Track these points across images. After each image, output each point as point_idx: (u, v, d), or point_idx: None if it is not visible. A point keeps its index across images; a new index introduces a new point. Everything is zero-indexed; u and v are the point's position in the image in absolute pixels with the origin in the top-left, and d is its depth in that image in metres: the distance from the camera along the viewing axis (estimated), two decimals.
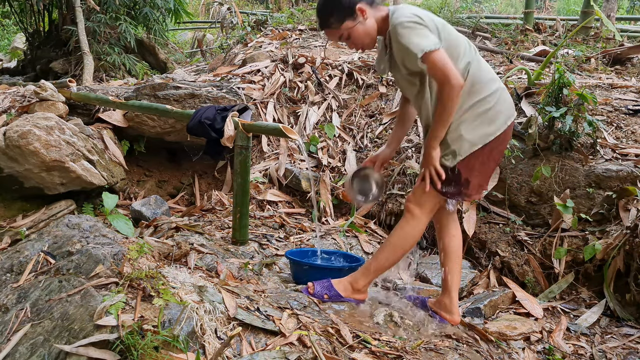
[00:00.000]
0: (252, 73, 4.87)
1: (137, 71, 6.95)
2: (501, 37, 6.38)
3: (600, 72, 4.84)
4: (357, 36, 2.17)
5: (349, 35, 2.17)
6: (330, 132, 4.32)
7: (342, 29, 2.16)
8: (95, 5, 6.52)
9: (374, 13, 2.17)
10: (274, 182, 3.93)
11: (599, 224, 3.08)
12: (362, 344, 1.96)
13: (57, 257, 2.10)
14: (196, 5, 13.05)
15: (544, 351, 2.41)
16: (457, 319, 2.33)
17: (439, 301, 2.37)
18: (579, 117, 3.24)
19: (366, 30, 2.16)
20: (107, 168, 3.70)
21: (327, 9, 2.17)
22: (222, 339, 1.77)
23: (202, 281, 2.08)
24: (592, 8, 5.24)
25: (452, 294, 2.32)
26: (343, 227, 3.46)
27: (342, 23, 2.14)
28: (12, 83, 5.48)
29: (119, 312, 1.68)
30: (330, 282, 2.32)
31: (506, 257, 3.17)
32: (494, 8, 13.85)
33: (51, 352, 1.64)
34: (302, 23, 7.14)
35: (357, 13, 2.13)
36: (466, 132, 2.08)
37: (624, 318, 2.75)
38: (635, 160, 3.17)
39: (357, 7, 2.12)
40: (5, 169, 3.29)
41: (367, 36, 2.18)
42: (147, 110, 3.87)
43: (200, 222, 3.37)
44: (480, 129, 2.09)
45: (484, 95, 2.09)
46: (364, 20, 2.14)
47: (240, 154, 2.95)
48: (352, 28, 2.15)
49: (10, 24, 11.73)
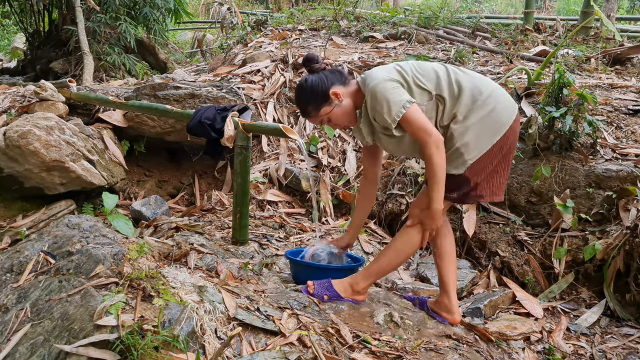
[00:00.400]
0: (252, 73, 4.87)
1: (137, 71, 6.96)
2: (501, 37, 6.38)
3: (600, 72, 4.84)
4: (337, 118, 2.24)
5: (329, 119, 2.24)
6: (330, 132, 4.32)
7: (321, 114, 2.23)
8: (95, 5, 6.52)
9: (348, 90, 2.23)
10: (274, 182, 3.93)
11: (599, 224, 3.08)
12: (362, 344, 1.96)
13: (57, 257, 2.10)
14: (196, 5, 13.06)
15: (544, 351, 2.41)
16: (457, 319, 2.33)
17: (438, 302, 2.37)
18: (579, 117, 3.25)
19: (344, 111, 2.22)
20: (107, 168, 3.70)
21: (303, 99, 2.25)
22: (222, 339, 1.77)
23: (202, 281, 2.08)
24: (592, 8, 5.24)
25: (451, 293, 2.32)
26: (343, 227, 3.46)
27: (319, 110, 2.22)
28: (12, 83, 5.48)
29: (119, 312, 1.68)
30: (330, 282, 2.32)
31: (506, 257, 3.17)
32: (494, 8, 13.86)
33: (51, 352, 1.64)
34: (302, 23, 7.14)
35: (332, 97, 2.19)
36: (472, 139, 2.08)
37: (624, 318, 2.75)
38: (635, 160, 3.17)
39: (331, 92, 2.19)
40: (5, 169, 3.29)
41: (347, 115, 2.24)
42: (147, 110, 3.87)
43: (200, 222, 3.37)
44: (485, 132, 2.08)
45: (483, 98, 2.09)
46: (340, 103, 2.21)
47: (240, 154, 2.95)
48: (330, 112, 2.22)
49: (10, 24, 11.73)
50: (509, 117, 2.12)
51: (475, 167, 2.11)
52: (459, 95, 2.09)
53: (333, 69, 2.29)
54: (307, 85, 2.22)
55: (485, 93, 2.11)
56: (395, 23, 6.88)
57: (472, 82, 2.13)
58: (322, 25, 6.99)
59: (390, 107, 2.04)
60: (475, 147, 2.09)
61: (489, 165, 2.13)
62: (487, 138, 2.09)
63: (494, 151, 2.11)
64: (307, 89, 2.22)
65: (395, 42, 6.24)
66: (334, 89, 2.19)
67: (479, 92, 2.10)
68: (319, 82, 2.20)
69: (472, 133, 2.08)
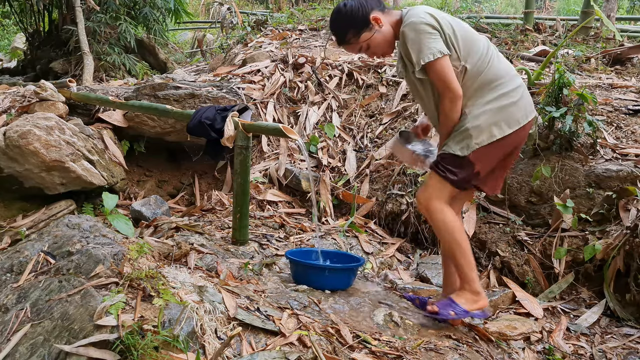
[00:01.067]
0: (252, 73, 4.87)
1: (137, 71, 6.95)
2: (501, 37, 6.38)
3: (600, 72, 4.84)
4: (377, 45, 2.19)
5: (369, 46, 2.19)
6: (330, 132, 4.32)
7: (361, 41, 2.18)
8: (95, 5, 6.52)
9: (388, 19, 2.18)
10: (274, 182, 3.93)
11: (599, 224, 3.08)
12: (362, 344, 1.96)
13: (57, 257, 2.10)
14: (196, 5, 13.06)
15: (544, 351, 2.41)
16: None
17: None
18: (579, 117, 3.24)
19: (384, 38, 2.18)
20: (107, 168, 3.70)
21: (341, 25, 2.18)
22: (222, 339, 1.77)
23: (202, 281, 2.08)
24: (592, 8, 5.24)
25: None
26: (343, 227, 3.46)
27: (359, 36, 2.17)
28: (12, 83, 5.48)
29: (119, 312, 1.68)
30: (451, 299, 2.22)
31: (506, 257, 3.17)
32: (494, 8, 13.86)
33: (51, 352, 1.64)
34: (302, 23, 7.14)
35: (372, 23, 2.15)
36: (486, 123, 2.06)
37: (624, 318, 2.75)
38: (635, 160, 3.17)
39: (372, 17, 2.14)
40: (5, 169, 3.29)
41: (386, 43, 2.20)
42: (147, 110, 3.87)
43: (200, 222, 3.37)
44: (500, 121, 2.07)
45: (508, 89, 2.08)
46: (380, 29, 2.16)
47: (240, 154, 2.95)
48: (370, 39, 2.17)
49: (10, 24, 11.72)
50: (526, 116, 2.11)
51: (482, 154, 2.08)
52: (486, 72, 2.08)
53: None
54: (347, 10, 2.16)
55: (513, 84, 2.09)
56: None
57: (505, 69, 2.12)
58: (322, 25, 6.99)
59: (421, 49, 2.02)
60: (486, 133, 2.06)
61: (496, 157, 2.12)
62: (500, 128, 2.07)
63: (503, 145, 2.09)
64: (346, 14, 2.15)
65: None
66: (374, 13, 2.14)
67: (507, 81, 2.08)
68: (359, 6, 2.15)
69: (486, 117, 2.06)
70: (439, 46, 2.02)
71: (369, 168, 3.98)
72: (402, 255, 3.42)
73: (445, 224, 2.15)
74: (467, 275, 2.20)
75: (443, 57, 2.01)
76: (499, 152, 2.12)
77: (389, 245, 3.47)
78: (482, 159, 2.10)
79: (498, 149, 2.11)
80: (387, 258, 3.29)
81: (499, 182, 2.27)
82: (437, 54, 2.00)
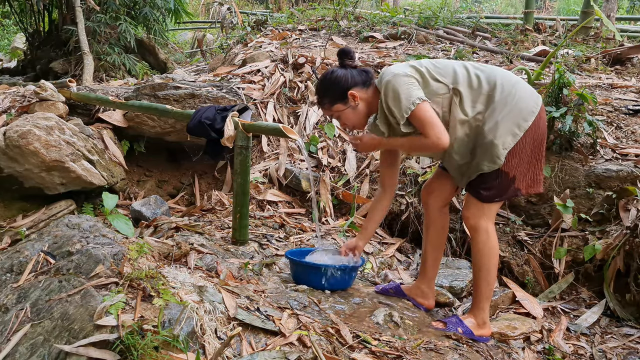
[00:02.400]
0: (252, 73, 4.86)
1: (137, 71, 6.96)
2: (501, 37, 6.38)
3: (600, 72, 4.84)
4: (346, 118, 2.27)
5: (339, 117, 2.28)
6: (330, 132, 4.32)
7: (333, 110, 2.27)
8: (95, 5, 6.52)
9: (367, 94, 2.24)
10: (274, 182, 3.93)
11: (599, 224, 3.08)
12: (362, 344, 1.96)
13: (57, 257, 2.10)
14: (196, 5, 13.06)
15: (544, 351, 2.40)
16: (432, 304, 2.48)
17: (417, 286, 2.48)
18: (579, 117, 3.25)
19: (356, 115, 2.25)
20: (107, 168, 3.70)
21: (322, 90, 2.29)
22: (222, 339, 1.77)
23: (202, 281, 2.08)
24: (592, 8, 5.24)
25: (431, 281, 2.47)
26: (343, 227, 3.46)
27: (332, 106, 2.25)
28: (12, 83, 5.48)
29: (119, 312, 1.68)
30: (458, 318, 2.29)
31: (506, 257, 3.17)
32: (494, 8, 13.87)
33: (51, 352, 1.64)
34: (302, 23, 7.14)
35: (349, 98, 2.22)
36: (505, 128, 2.06)
37: (624, 318, 2.76)
38: (635, 160, 3.17)
39: (349, 93, 2.21)
40: (5, 169, 3.29)
41: (357, 119, 2.27)
42: (147, 110, 3.87)
43: (200, 222, 3.37)
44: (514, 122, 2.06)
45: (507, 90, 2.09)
46: (355, 105, 2.23)
47: (240, 154, 2.95)
48: (342, 111, 2.25)
49: (10, 24, 11.73)
50: (535, 105, 2.11)
51: (510, 159, 2.09)
52: (479, 88, 2.09)
53: (362, 69, 2.28)
54: (331, 78, 2.24)
55: (508, 85, 2.10)
56: (395, 23, 6.88)
57: (494, 75, 2.13)
58: (322, 25, 6.99)
59: (401, 102, 2.05)
60: (509, 135, 2.06)
61: (524, 156, 2.11)
62: (518, 127, 2.07)
63: (526, 141, 2.09)
64: (329, 81, 2.25)
65: (395, 42, 6.24)
66: (354, 90, 2.21)
67: (502, 85, 2.09)
68: (342, 79, 2.22)
69: (502, 127, 2.06)
70: (416, 93, 2.06)
71: (369, 168, 3.98)
72: (402, 255, 3.42)
73: (489, 248, 2.20)
74: (482, 304, 2.27)
75: (422, 102, 2.05)
76: (525, 149, 2.10)
77: (389, 245, 3.47)
78: (512, 164, 2.10)
79: (524, 147, 2.10)
80: (387, 258, 3.29)
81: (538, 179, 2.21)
82: (416, 102, 2.04)
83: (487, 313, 2.28)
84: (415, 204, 3.57)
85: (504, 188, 2.14)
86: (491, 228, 2.21)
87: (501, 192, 2.15)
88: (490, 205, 2.18)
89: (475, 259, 2.24)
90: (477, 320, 2.27)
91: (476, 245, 2.21)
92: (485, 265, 2.21)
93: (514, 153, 2.08)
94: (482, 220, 2.18)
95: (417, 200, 3.57)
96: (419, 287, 2.48)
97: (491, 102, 2.08)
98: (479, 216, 2.18)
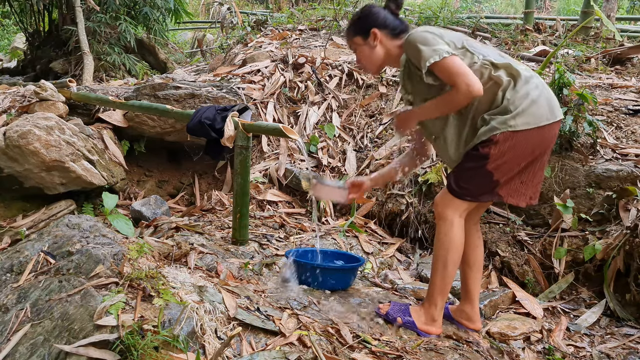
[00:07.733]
0: (252, 73, 4.87)
1: (137, 71, 6.96)
2: (501, 37, 6.37)
3: (600, 72, 4.84)
4: (361, 56, 2.22)
5: (356, 50, 2.23)
6: (330, 132, 4.32)
7: (353, 41, 2.22)
8: (95, 5, 6.52)
9: (391, 43, 2.16)
10: (274, 182, 3.93)
11: (599, 224, 3.08)
12: (362, 344, 1.96)
13: (57, 257, 2.10)
14: (196, 5, 13.06)
15: (544, 351, 2.40)
16: (479, 326, 2.33)
17: (460, 310, 2.34)
18: (579, 117, 3.25)
19: (371, 55, 2.18)
20: (107, 168, 3.70)
21: (354, 17, 2.23)
22: (222, 339, 1.77)
23: (202, 281, 2.08)
24: (592, 8, 5.24)
25: (475, 302, 2.30)
26: (343, 227, 3.46)
27: (354, 36, 2.20)
28: (12, 83, 5.48)
29: (119, 312, 1.68)
30: (408, 307, 2.23)
31: (506, 257, 3.17)
32: (494, 8, 13.86)
33: (51, 352, 1.64)
34: (302, 23, 7.14)
35: (370, 35, 2.15)
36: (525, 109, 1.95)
37: (624, 318, 2.75)
38: (635, 160, 3.17)
39: (372, 30, 2.14)
40: (5, 169, 3.29)
41: (370, 60, 2.21)
42: (147, 110, 3.87)
43: (200, 222, 3.37)
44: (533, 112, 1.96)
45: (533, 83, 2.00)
46: (373, 45, 2.16)
47: (240, 154, 2.95)
48: (359, 46, 2.20)
49: (10, 24, 11.73)
50: (552, 114, 2.00)
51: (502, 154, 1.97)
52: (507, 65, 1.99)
53: (398, 18, 2.19)
54: (364, 10, 2.20)
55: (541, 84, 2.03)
56: None
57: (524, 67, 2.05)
58: (322, 25, 6.99)
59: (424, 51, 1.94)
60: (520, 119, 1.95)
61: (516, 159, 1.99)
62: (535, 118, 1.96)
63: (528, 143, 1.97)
64: (361, 12, 2.20)
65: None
66: (379, 30, 2.14)
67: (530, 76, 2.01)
68: (373, 15, 2.16)
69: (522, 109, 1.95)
70: (444, 47, 1.94)
71: (369, 168, 3.98)
72: (402, 255, 3.42)
73: (449, 240, 2.09)
74: (434, 299, 2.17)
75: (450, 56, 1.92)
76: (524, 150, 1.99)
77: (389, 245, 3.47)
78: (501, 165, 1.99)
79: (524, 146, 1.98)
80: (387, 258, 3.29)
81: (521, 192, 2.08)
82: (443, 54, 1.92)
83: (439, 311, 2.17)
84: (415, 204, 3.57)
85: (480, 189, 2.04)
86: (457, 222, 2.09)
87: (476, 192, 2.05)
88: (461, 201, 2.08)
89: (435, 249, 2.14)
90: (425, 315, 2.18)
91: (437, 235, 2.12)
92: (442, 257, 2.11)
93: (511, 146, 1.95)
94: (449, 211, 2.08)
95: (417, 200, 3.58)
96: (463, 310, 2.33)
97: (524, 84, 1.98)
98: (447, 205, 2.09)
